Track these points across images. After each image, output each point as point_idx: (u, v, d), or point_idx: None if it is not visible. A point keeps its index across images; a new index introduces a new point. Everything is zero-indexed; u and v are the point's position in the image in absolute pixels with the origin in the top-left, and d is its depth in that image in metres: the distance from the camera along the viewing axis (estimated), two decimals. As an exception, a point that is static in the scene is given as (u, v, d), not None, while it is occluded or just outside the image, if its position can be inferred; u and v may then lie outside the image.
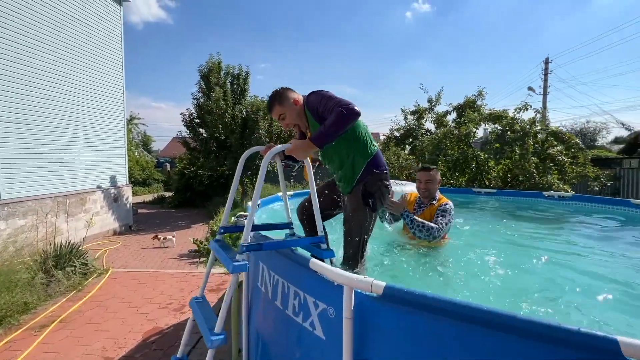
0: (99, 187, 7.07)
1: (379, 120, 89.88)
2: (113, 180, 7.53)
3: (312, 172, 1.64)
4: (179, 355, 1.73)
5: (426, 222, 2.33)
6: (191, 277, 4.41)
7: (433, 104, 11.20)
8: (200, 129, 10.07)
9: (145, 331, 2.98)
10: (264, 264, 1.71)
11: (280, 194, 2.22)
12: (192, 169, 11.54)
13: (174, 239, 6.17)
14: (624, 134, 25.66)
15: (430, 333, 0.99)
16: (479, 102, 9.89)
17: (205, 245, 5.53)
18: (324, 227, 1.79)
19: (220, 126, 9.25)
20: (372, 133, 2.01)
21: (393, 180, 5.74)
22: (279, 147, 1.52)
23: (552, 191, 4.58)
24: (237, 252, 1.38)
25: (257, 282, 1.76)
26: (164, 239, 6.10)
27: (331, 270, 1.12)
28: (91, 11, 6.79)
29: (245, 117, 9.50)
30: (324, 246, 1.57)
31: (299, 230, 1.94)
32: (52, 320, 3.10)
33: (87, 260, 4.30)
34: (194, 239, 5.90)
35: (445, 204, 2.47)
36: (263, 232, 1.79)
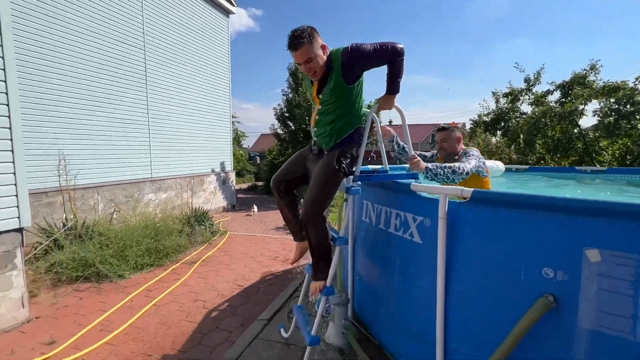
0: (213, 170, 8.56)
1: (463, 111, 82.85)
2: (222, 165, 8.99)
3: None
4: (299, 303, 2.24)
5: (442, 164, 1.88)
6: (290, 241, 5.16)
7: (531, 84, 10.12)
8: (289, 122, 11.15)
9: (263, 272, 3.75)
10: (367, 201, 2.15)
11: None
12: (281, 159, 12.81)
13: (255, 210, 7.91)
14: None
15: (509, 223, 1.28)
16: (591, 78, 8.58)
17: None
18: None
19: (307, 118, 10.11)
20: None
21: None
22: (374, 108, 1.88)
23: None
24: (352, 180, 1.85)
25: (361, 217, 2.21)
26: (253, 210, 7.96)
27: (430, 186, 1.48)
28: (205, 23, 8.21)
29: (329, 108, 10.19)
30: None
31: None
32: (197, 260, 4.12)
33: (213, 223, 5.42)
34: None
35: (467, 149, 2.24)
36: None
